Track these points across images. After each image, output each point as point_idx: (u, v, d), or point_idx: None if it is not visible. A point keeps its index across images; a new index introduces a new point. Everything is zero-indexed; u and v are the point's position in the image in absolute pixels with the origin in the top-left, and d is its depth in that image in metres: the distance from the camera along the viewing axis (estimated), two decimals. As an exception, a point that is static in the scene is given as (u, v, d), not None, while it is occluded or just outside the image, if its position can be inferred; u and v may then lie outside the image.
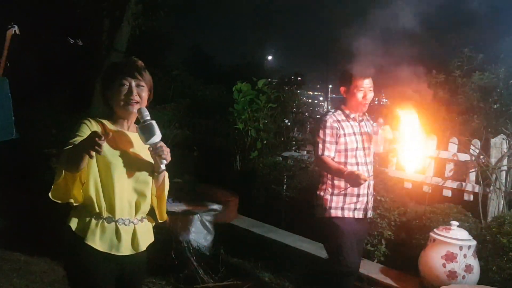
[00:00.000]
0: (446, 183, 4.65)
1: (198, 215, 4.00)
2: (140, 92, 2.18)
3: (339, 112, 3.26)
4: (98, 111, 8.38)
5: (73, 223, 2.12)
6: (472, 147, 4.52)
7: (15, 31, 4.43)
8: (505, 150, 4.29)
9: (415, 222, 4.12)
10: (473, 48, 5.52)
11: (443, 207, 4.11)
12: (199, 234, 4.08)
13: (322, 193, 3.23)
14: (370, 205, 3.33)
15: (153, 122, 2.11)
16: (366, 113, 3.37)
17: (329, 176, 3.21)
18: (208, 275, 4.32)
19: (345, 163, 3.18)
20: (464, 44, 5.53)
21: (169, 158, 2.16)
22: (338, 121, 3.21)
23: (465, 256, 3.43)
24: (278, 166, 5.62)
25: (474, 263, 3.47)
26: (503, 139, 4.31)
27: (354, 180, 2.87)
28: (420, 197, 4.80)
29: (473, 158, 4.48)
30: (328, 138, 3.16)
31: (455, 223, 3.58)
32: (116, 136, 2.15)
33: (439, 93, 5.53)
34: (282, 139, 6.59)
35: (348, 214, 3.21)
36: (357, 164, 3.21)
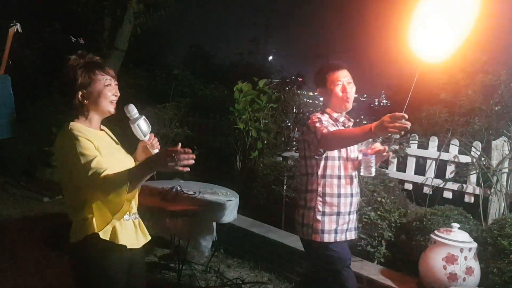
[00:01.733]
0: (446, 184, 4.65)
1: (198, 215, 3.99)
2: (117, 91, 2.18)
3: (326, 116, 2.83)
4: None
5: (97, 228, 2.03)
6: (473, 149, 4.52)
7: (17, 29, 4.43)
8: (507, 152, 4.29)
9: (416, 224, 4.11)
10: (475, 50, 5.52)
11: (443, 209, 4.10)
12: (199, 234, 4.06)
13: (311, 213, 2.77)
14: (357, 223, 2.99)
15: (144, 117, 2.18)
16: (351, 119, 2.97)
17: (319, 190, 2.76)
18: (208, 275, 4.33)
19: (339, 177, 2.76)
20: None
21: (159, 147, 2.24)
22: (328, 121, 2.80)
23: (465, 258, 3.42)
24: (279, 167, 5.61)
25: (475, 265, 3.47)
26: (505, 141, 4.31)
27: (384, 129, 2.25)
28: (420, 198, 4.81)
29: (474, 160, 4.48)
30: (326, 124, 2.69)
31: (456, 225, 3.58)
32: (98, 136, 2.13)
33: (441, 95, 5.53)
34: (283, 139, 6.59)
35: (340, 237, 2.78)
36: (351, 177, 2.81)
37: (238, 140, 6.54)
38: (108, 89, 2.12)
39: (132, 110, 2.17)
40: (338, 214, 2.76)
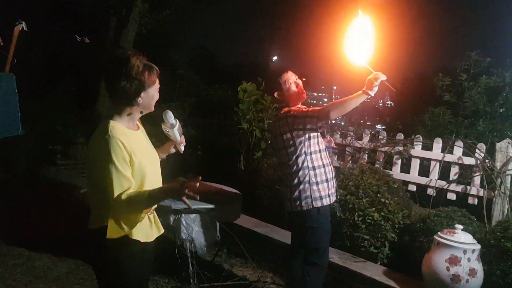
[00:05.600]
0: (450, 186, 4.65)
1: (202, 214, 3.99)
2: None
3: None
4: (103, 110, 8.42)
5: (110, 237, 2.11)
6: (477, 150, 4.51)
7: (22, 27, 4.44)
8: (511, 154, 4.28)
9: (419, 225, 4.11)
10: (480, 51, 5.51)
11: (447, 210, 4.10)
12: (202, 233, 4.07)
13: (307, 185, 3.22)
14: None
15: (178, 121, 2.39)
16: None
17: (310, 166, 3.23)
18: (211, 274, 4.32)
19: (320, 151, 3.29)
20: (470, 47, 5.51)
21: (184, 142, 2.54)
22: None
23: (469, 260, 3.42)
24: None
25: (478, 267, 3.46)
26: (509, 143, 4.30)
27: (371, 83, 2.94)
28: (424, 200, 4.81)
29: (478, 161, 4.47)
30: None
31: (459, 226, 3.57)
32: (135, 140, 2.18)
33: (445, 96, 5.53)
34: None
35: (332, 199, 3.33)
36: (325, 150, 3.37)
37: (242, 140, 6.55)
38: (157, 92, 2.23)
39: (170, 117, 2.34)
40: (327, 181, 3.28)
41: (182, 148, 2.53)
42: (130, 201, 2.01)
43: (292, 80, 3.34)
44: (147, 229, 2.23)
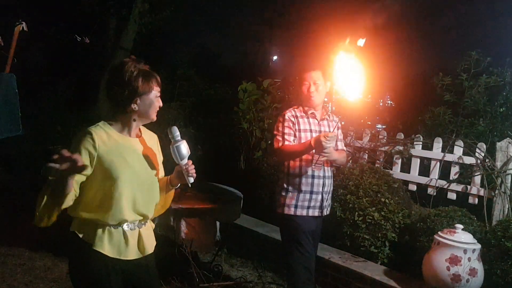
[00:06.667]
0: (451, 186, 4.65)
1: (202, 214, 3.99)
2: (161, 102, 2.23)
3: (300, 108, 3.35)
4: (103, 110, 8.42)
5: (79, 230, 2.09)
6: (477, 150, 4.51)
7: (22, 28, 4.44)
8: (511, 153, 4.28)
9: (419, 225, 4.10)
10: (480, 51, 5.50)
11: (447, 210, 4.10)
12: (202, 233, 4.07)
13: (278, 189, 3.31)
14: (327, 203, 3.36)
15: (184, 141, 2.23)
16: (333, 115, 3.45)
17: (285, 171, 3.27)
18: (211, 274, 4.33)
19: (300, 159, 3.22)
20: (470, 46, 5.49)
21: (195, 175, 2.26)
22: (296, 116, 3.29)
23: (469, 259, 3.42)
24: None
25: (479, 266, 3.46)
26: (509, 142, 4.30)
27: (320, 143, 2.90)
28: (424, 199, 4.81)
29: (479, 161, 4.47)
30: (286, 130, 3.23)
31: (459, 226, 3.57)
32: (122, 144, 2.12)
33: (445, 96, 5.52)
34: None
35: (301, 212, 3.22)
36: (312, 160, 3.24)
37: (242, 140, 6.54)
38: (157, 100, 2.18)
39: (175, 132, 2.24)
40: (299, 192, 3.22)
41: (191, 180, 2.27)
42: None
43: (308, 82, 3.26)
44: (118, 243, 2.10)
